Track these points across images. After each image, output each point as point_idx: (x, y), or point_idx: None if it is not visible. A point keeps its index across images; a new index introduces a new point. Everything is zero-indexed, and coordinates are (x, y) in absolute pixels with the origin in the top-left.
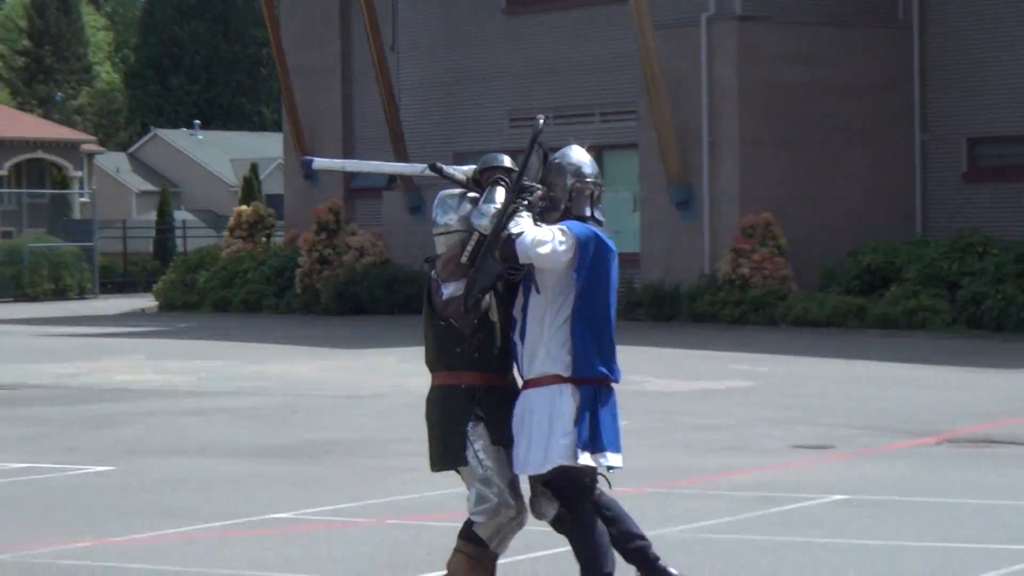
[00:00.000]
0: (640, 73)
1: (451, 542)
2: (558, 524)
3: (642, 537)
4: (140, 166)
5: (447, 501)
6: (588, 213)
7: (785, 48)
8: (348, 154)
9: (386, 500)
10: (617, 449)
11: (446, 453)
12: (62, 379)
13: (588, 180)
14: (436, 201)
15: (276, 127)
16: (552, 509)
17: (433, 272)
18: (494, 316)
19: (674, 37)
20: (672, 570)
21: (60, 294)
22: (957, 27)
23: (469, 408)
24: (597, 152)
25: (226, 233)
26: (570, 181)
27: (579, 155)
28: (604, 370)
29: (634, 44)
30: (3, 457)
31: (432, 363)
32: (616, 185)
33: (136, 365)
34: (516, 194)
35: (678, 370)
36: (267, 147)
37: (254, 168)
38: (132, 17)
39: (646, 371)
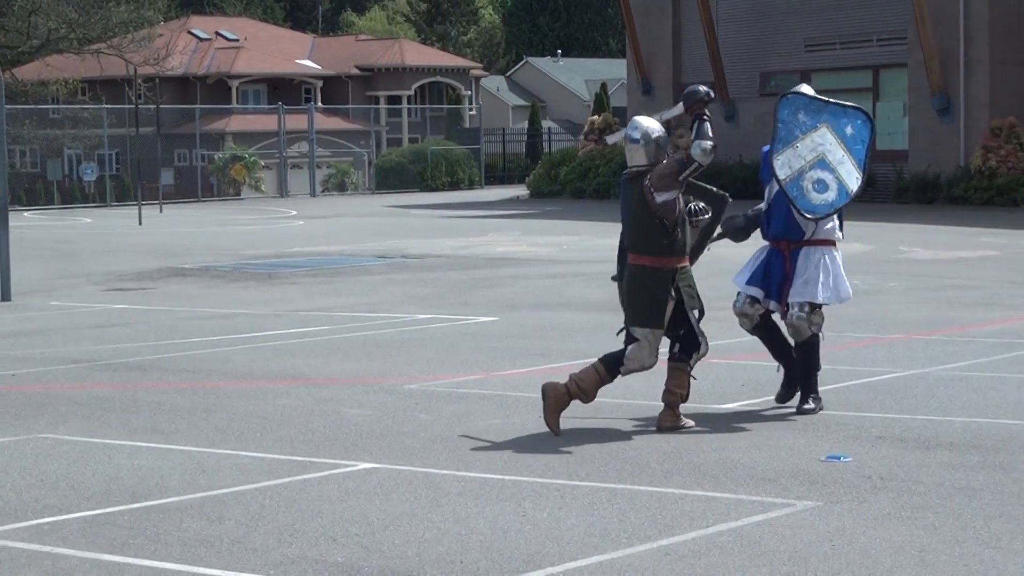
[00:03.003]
0: (910, 6)
1: (760, 376)
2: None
3: None
4: (515, 86)
5: (755, 347)
6: None
7: None
8: (676, 72)
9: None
10: None
11: (651, 317)
12: (457, 250)
13: None
14: (630, 123)
15: (620, 54)
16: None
17: (647, 180)
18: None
19: None
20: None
21: (454, 185)
22: None
23: (670, 285)
24: (874, 71)
25: (581, 137)
26: None
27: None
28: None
29: None
30: (413, 310)
31: (638, 247)
32: (889, 96)
33: (513, 239)
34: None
35: (939, 242)
36: (613, 70)
37: (603, 87)
38: None
39: (913, 243)
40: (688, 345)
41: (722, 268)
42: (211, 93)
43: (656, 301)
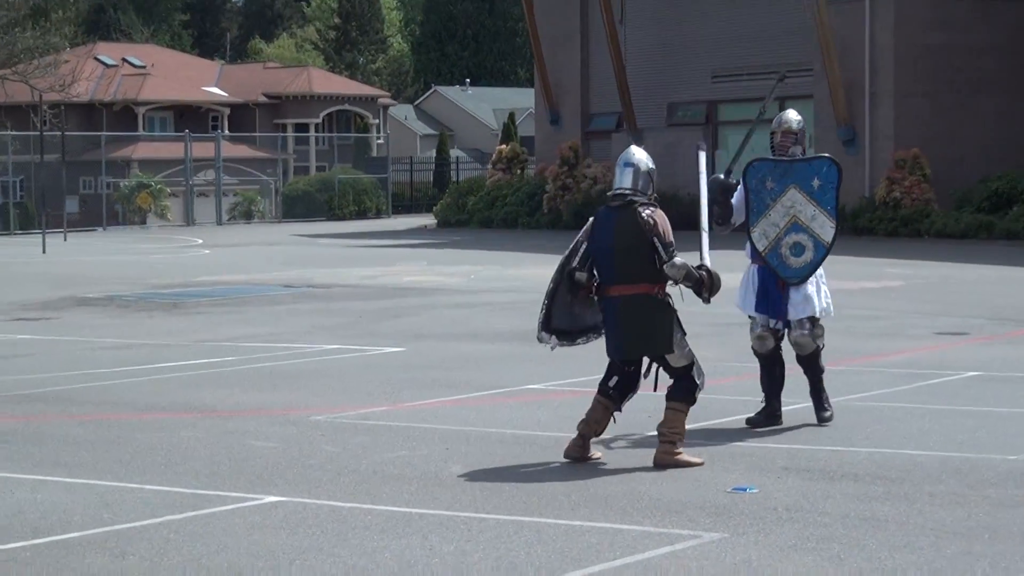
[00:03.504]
0: (816, 38)
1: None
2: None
3: None
4: (423, 115)
5: (662, 376)
6: None
7: (932, 16)
8: (584, 103)
9: None
10: None
11: (659, 344)
12: (364, 280)
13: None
14: (626, 151)
15: (529, 84)
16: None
17: (654, 226)
18: None
19: (843, 9)
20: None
21: (362, 214)
22: None
23: (672, 310)
24: (780, 102)
25: (490, 166)
26: None
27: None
28: None
29: (811, 15)
30: (319, 340)
31: (635, 277)
32: None
33: (420, 269)
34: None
35: (844, 272)
36: (521, 100)
37: (511, 116)
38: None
39: None
40: (624, 386)
41: None
42: (117, 120)
43: (666, 325)
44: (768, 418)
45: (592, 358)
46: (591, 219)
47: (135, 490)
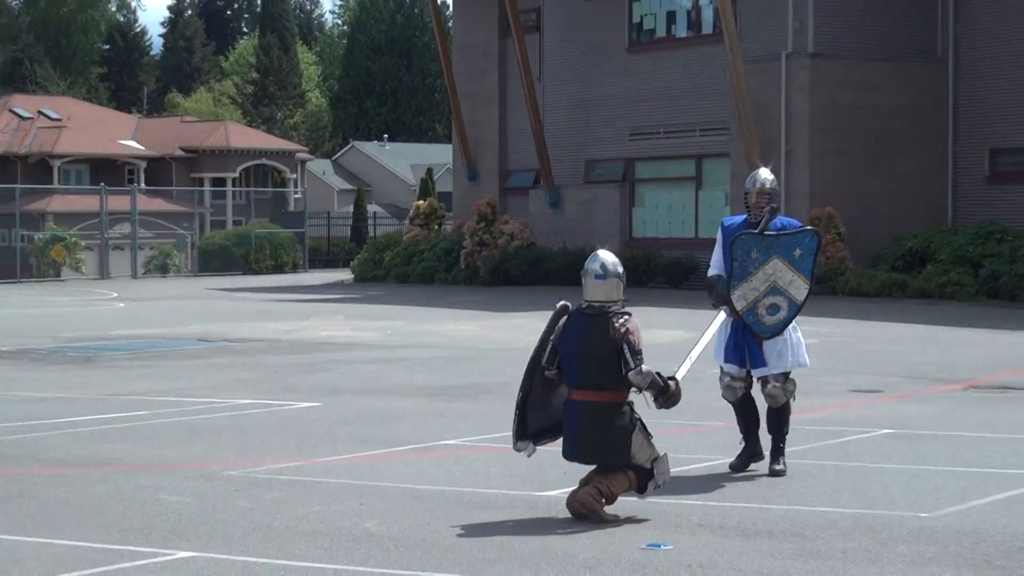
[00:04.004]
0: (732, 98)
1: (581, 465)
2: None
3: None
4: (341, 170)
5: None
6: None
7: (847, 78)
8: (502, 159)
9: None
10: None
11: (616, 454)
12: (280, 334)
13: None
14: (591, 257)
15: (447, 140)
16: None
17: (625, 334)
18: None
19: (759, 70)
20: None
21: (278, 268)
22: (982, 61)
23: (634, 416)
24: (697, 160)
25: (407, 222)
26: None
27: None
28: None
29: (728, 75)
30: (234, 395)
31: (600, 385)
32: (711, 185)
33: (337, 324)
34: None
35: None
36: (439, 155)
37: (429, 172)
38: (336, 55)
39: None
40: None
41: None
42: (32, 172)
43: (624, 434)
44: (750, 459)
45: (510, 415)
46: (561, 315)
47: (45, 545)
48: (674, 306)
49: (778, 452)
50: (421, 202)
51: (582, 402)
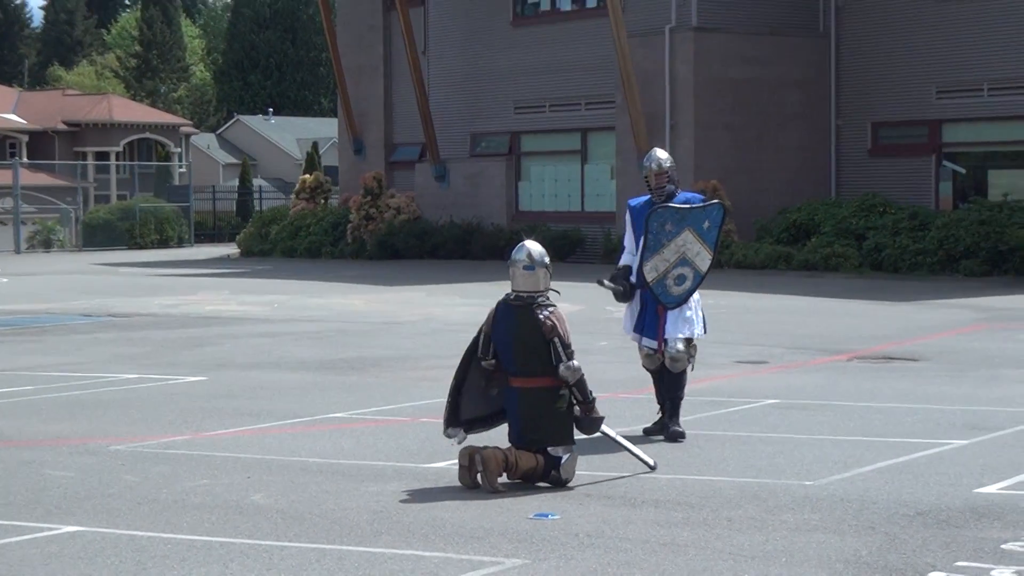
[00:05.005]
0: (617, 71)
1: (468, 436)
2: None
3: None
4: (225, 144)
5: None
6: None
7: (731, 52)
8: (388, 133)
9: (419, 403)
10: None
11: (567, 435)
12: (165, 309)
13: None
14: (517, 247)
15: (332, 113)
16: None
17: (553, 328)
18: None
19: (644, 43)
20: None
21: (163, 243)
22: (864, 36)
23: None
24: (583, 133)
25: (293, 196)
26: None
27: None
28: None
29: (613, 49)
30: (120, 369)
31: (535, 371)
32: (597, 159)
33: (223, 298)
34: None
35: None
36: (325, 129)
37: (315, 145)
38: (220, 28)
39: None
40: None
41: (433, 327)
42: None
43: (564, 416)
44: (663, 427)
45: (397, 388)
46: (493, 310)
47: None
48: (562, 279)
49: (675, 414)
50: (307, 176)
51: (521, 388)
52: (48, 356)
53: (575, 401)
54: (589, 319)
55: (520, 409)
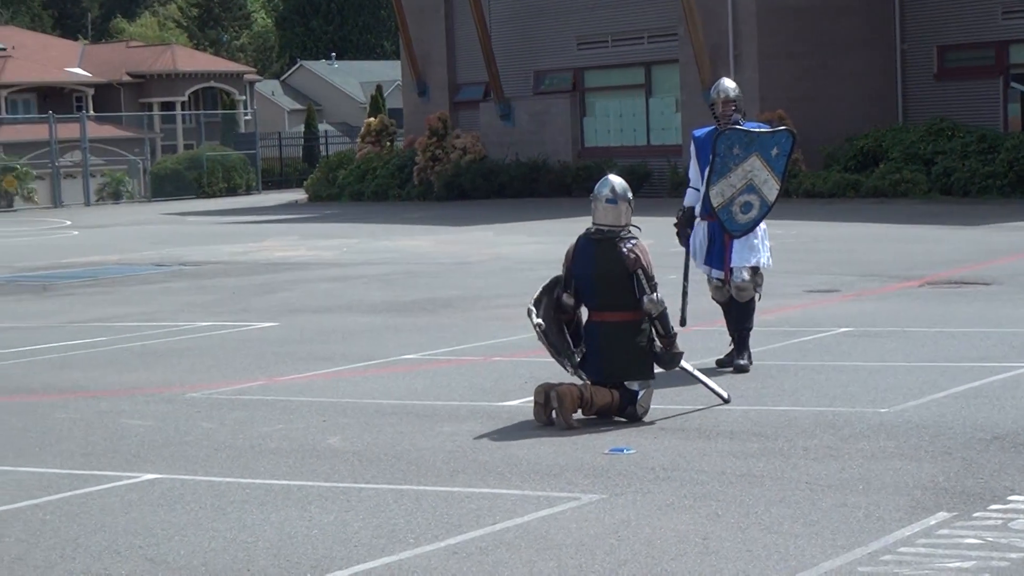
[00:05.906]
0: (679, 3)
1: (541, 373)
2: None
3: None
4: (290, 90)
5: (536, 343)
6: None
7: None
8: (451, 73)
9: (491, 342)
10: None
11: (639, 371)
12: (235, 256)
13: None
14: (601, 181)
15: (395, 56)
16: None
17: (637, 260)
18: None
19: None
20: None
21: (231, 191)
22: None
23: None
24: (646, 67)
25: (359, 140)
26: None
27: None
28: None
29: None
30: (192, 317)
31: (616, 305)
32: (662, 92)
33: (292, 243)
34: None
35: None
36: (388, 72)
37: (379, 89)
38: None
39: None
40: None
41: (503, 266)
42: None
43: (644, 351)
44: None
45: (469, 328)
46: (572, 245)
47: (8, 472)
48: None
49: (743, 347)
50: (372, 119)
51: (602, 323)
52: (121, 307)
53: (656, 335)
54: (657, 253)
55: (600, 343)
